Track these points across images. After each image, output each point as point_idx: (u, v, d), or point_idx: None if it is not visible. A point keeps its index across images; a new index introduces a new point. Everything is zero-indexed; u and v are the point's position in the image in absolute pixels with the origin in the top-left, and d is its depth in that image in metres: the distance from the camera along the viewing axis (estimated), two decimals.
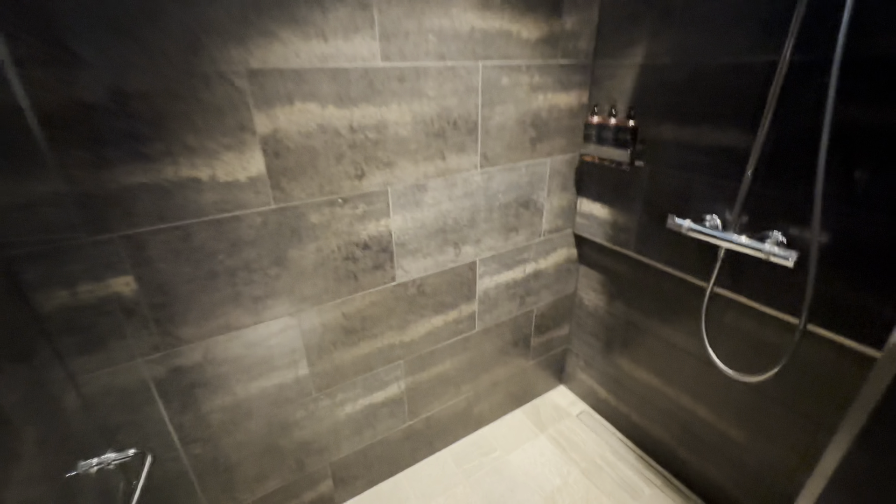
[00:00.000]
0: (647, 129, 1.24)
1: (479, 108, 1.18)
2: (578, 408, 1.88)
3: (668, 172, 1.22)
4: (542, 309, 1.69)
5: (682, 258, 1.24)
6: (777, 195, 1.00)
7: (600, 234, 1.50)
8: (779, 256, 0.95)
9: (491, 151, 1.26)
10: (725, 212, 1.11)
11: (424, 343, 1.41)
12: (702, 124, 1.10)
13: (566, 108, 1.36)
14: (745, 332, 1.19)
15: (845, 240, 0.90)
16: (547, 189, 1.45)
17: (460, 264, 1.36)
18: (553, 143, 1.38)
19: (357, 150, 1.04)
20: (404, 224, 1.19)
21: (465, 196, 1.27)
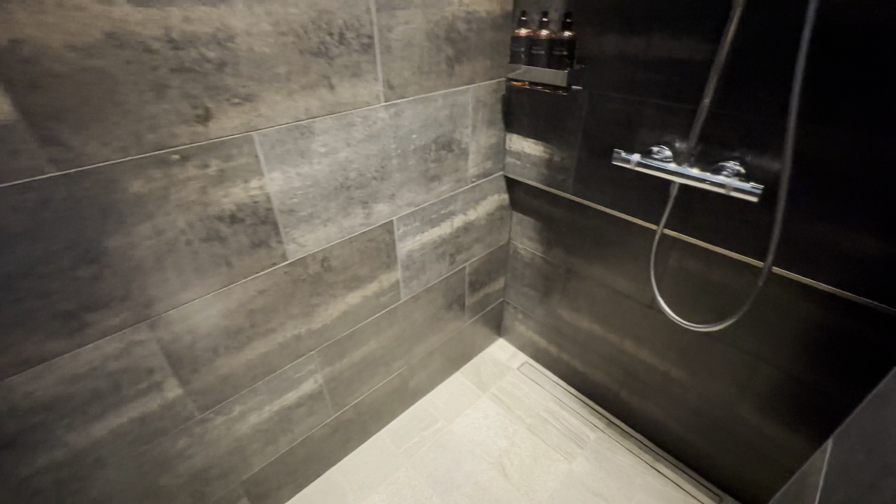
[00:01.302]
0: (587, 43, 1.01)
1: (374, 12, 0.86)
2: (519, 360, 1.80)
3: (611, 97, 1.02)
4: (476, 265, 1.51)
5: (629, 199, 1.09)
6: (736, 117, 0.84)
7: (534, 176, 1.30)
8: (743, 191, 0.81)
9: (397, 77, 0.96)
10: (676, 141, 0.95)
11: (340, 327, 1.16)
12: (652, 32, 0.89)
13: (488, 18, 1.07)
14: (697, 276, 1.09)
15: (812, 166, 0.78)
16: (472, 125, 1.19)
17: (374, 227, 1.09)
18: (475, 64, 1.10)
19: (190, 77, 0.68)
20: (288, 183, 0.88)
21: (368, 139, 0.97)
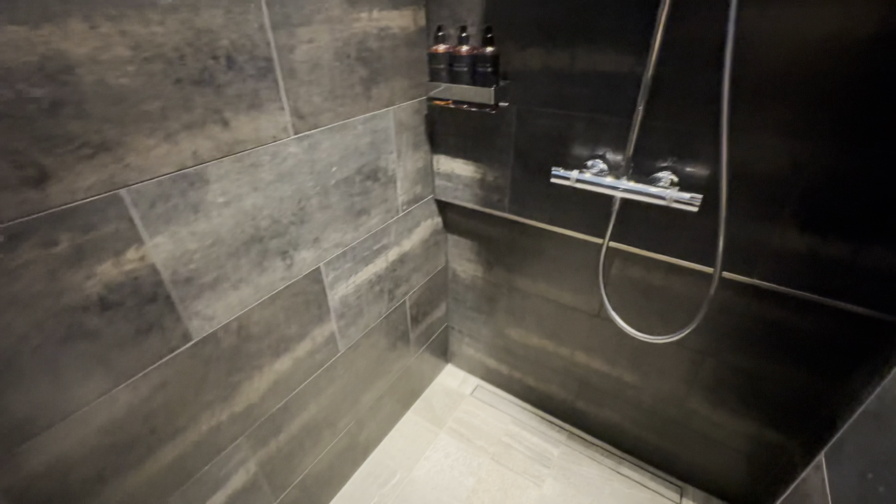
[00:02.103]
0: (510, 58, 0.96)
1: (269, 29, 0.71)
2: (471, 384, 1.72)
3: (540, 112, 0.98)
4: (416, 296, 1.39)
5: (569, 214, 1.06)
6: (667, 127, 0.85)
7: (468, 197, 1.23)
8: (683, 202, 0.81)
9: (307, 104, 0.81)
10: (611, 154, 0.94)
11: (271, 400, 0.97)
12: (576, 45, 0.87)
13: (402, 34, 0.97)
14: (639, 283, 1.10)
15: (741, 171, 0.81)
16: (397, 150, 1.08)
17: (298, 278, 0.93)
18: (393, 84, 1.00)
19: (5, 127, 0.48)
20: (180, 247, 0.69)
21: (280, 180, 0.81)
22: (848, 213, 0.74)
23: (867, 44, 0.64)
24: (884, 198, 0.71)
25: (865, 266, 0.77)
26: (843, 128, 0.69)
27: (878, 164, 0.69)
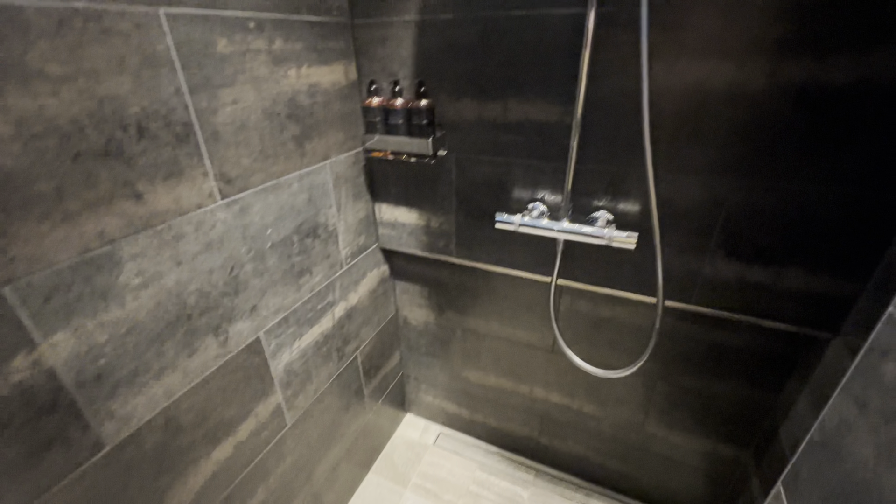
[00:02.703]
0: (445, 109, 0.97)
1: (186, 93, 0.66)
2: (433, 432, 1.65)
3: (478, 160, 0.99)
4: (367, 349, 1.32)
5: (516, 256, 1.07)
6: (600, 170, 0.89)
7: (413, 244, 1.21)
8: (621, 241, 0.85)
9: (234, 167, 0.76)
10: (550, 197, 0.97)
11: (211, 494, 0.84)
12: (507, 97, 0.90)
13: (333, 89, 0.95)
14: (588, 315, 1.13)
15: (668, 208, 0.86)
16: (336, 203, 1.04)
17: (235, 353, 0.84)
18: (328, 139, 0.97)
19: None
20: (85, 343, 0.59)
21: (208, 250, 0.74)
22: (765, 241, 0.82)
23: (759, 94, 0.72)
24: (793, 225, 0.78)
25: (785, 287, 0.84)
26: (751, 166, 0.77)
27: (784, 197, 0.77)
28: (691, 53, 0.73)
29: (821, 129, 0.70)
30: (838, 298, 0.81)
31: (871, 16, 0.62)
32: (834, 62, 0.66)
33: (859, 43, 0.63)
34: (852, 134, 0.69)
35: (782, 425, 0.95)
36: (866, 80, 0.65)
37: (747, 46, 0.69)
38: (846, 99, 0.67)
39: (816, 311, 0.83)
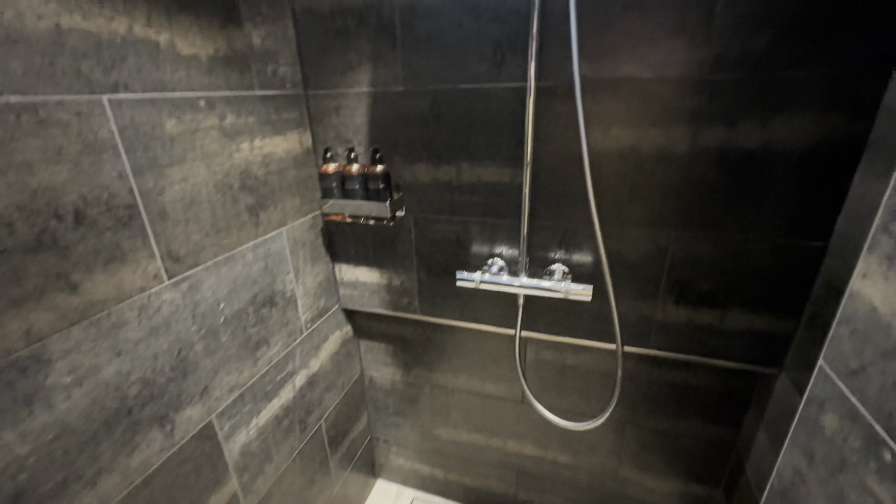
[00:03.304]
0: (400, 172, 1.00)
1: (130, 176, 0.64)
2: (407, 498, 1.55)
3: (436, 219, 1.02)
4: (332, 417, 1.26)
5: (479, 310, 1.08)
6: (552, 226, 0.93)
7: (376, 303, 1.19)
8: (577, 293, 0.88)
9: (183, 245, 0.73)
10: (507, 252, 1.00)
11: None
12: (460, 161, 0.94)
13: (288, 157, 0.96)
14: (554, 364, 1.14)
15: (620, 258, 0.91)
16: (294, 269, 1.02)
17: (183, 442, 0.77)
18: (284, 205, 0.96)
19: None
20: (2, 457, 0.52)
21: (152, 335, 0.69)
22: (708, 286, 0.87)
23: (685, 156, 0.79)
24: (730, 271, 0.84)
25: (730, 328, 0.89)
26: (686, 219, 0.83)
27: (718, 245, 0.83)
28: (623, 122, 0.80)
29: (740, 186, 0.78)
30: (778, 336, 0.86)
31: (766, 94, 0.71)
32: (743, 129, 0.74)
33: (761, 114, 0.72)
34: (766, 189, 0.77)
35: (747, 462, 0.98)
36: (771, 144, 0.73)
37: (670, 116, 0.77)
38: (757, 160, 0.75)
39: (761, 349, 0.89)
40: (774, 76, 0.70)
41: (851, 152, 0.70)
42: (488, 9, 0.80)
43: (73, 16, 0.55)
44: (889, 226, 0.38)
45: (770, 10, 0.67)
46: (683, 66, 0.73)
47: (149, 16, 0.64)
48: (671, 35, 0.72)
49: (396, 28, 0.87)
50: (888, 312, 0.38)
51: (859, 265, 0.42)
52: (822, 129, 0.70)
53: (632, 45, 0.75)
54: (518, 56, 0.81)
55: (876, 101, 0.67)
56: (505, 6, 0.79)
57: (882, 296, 0.39)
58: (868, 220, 0.44)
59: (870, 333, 0.40)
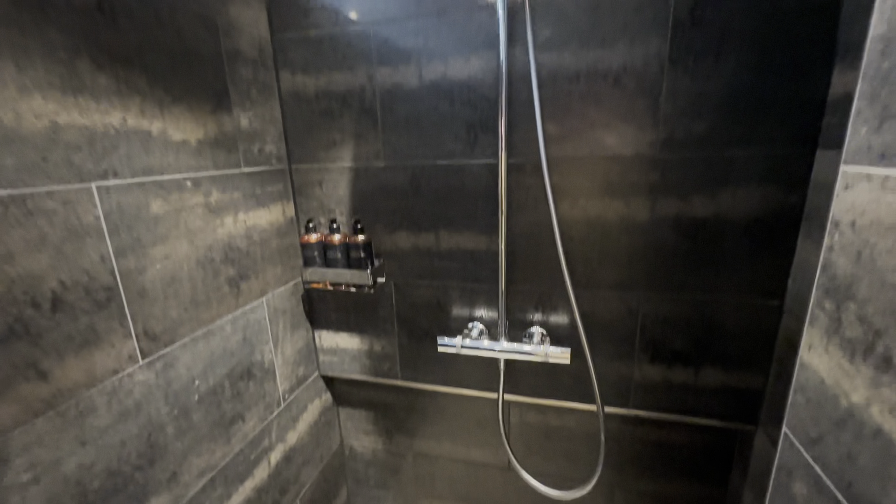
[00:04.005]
0: (381, 240, 1.03)
1: (112, 258, 0.64)
2: None
3: (416, 284, 1.04)
4: (309, 494, 1.18)
5: (461, 375, 1.08)
6: (528, 290, 0.97)
7: (357, 369, 1.17)
8: (556, 357, 0.90)
9: (160, 322, 0.72)
10: (486, 315, 1.02)
11: None
12: (439, 229, 0.98)
13: (271, 228, 0.98)
14: (539, 427, 1.12)
15: (595, 319, 0.94)
16: (273, 338, 1.01)
17: None
18: (265, 275, 0.97)
19: None
20: None
21: (121, 420, 0.67)
22: (679, 345, 0.90)
23: (646, 224, 0.85)
24: (698, 329, 0.88)
25: (705, 385, 0.91)
26: (652, 282, 0.88)
27: (684, 306, 0.88)
28: (588, 194, 0.87)
29: (697, 251, 0.84)
30: (750, 392, 0.89)
31: (711, 170, 0.79)
32: (694, 200, 0.81)
33: (709, 187, 0.80)
34: (721, 253, 0.83)
35: None
36: (720, 214, 0.81)
37: (629, 189, 0.84)
38: (709, 227, 0.82)
39: (736, 406, 0.91)
40: (716, 155, 0.78)
41: (791, 220, 0.78)
42: (461, 96, 0.88)
43: (71, 113, 0.58)
44: (823, 303, 0.43)
45: (705, 101, 0.76)
46: (636, 147, 0.81)
47: (142, 107, 0.68)
48: (623, 120, 0.81)
49: (378, 111, 0.94)
50: (833, 384, 0.41)
51: (804, 336, 0.46)
52: (764, 201, 0.78)
53: (590, 128, 0.83)
54: (489, 136, 0.89)
55: (806, 177, 0.75)
56: (476, 94, 0.87)
57: (826, 368, 0.42)
58: (811, 287, 0.49)
59: (822, 403, 0.43)
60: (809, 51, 0.70)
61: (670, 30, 0.74)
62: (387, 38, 0.89)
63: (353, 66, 0.93)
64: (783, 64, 0.71)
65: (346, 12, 0.90)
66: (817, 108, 0.72)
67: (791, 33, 0.70)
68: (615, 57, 0.78)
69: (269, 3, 0.94)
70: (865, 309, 0.38)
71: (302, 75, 0.96)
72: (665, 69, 0.76)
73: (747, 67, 0.73)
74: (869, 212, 0.37)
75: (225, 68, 0.83)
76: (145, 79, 0.68)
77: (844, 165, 0.40)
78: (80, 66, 0.59)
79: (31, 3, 0.54)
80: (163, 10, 0.71)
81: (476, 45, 0.84)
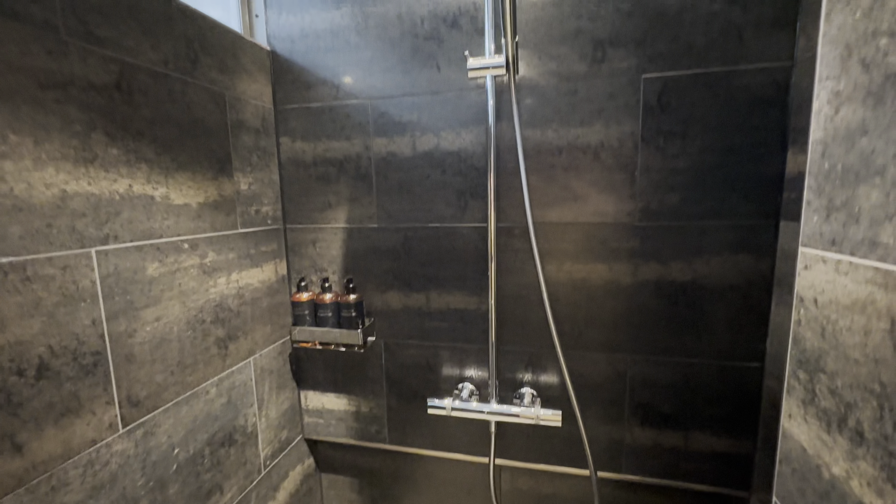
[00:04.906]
0: (372, 300, 1.04)
1: (103, 322, 0.64)
2: None
3: (407, 344, 1.04)
4: None
5: (451, 438, 1.05)
6: (518, 350, 0.98)
7: (343, 432, 1.13)
8: (547, 419, 0.89)
9: (145, 388, 0.71)
10: (477, 376, 1.02)
11: None
12: (429, 289, 1.00)
13: (263, 287, 0.99)
14: (531, 493, 1.08)
15: (584, 381, 0.95)
16: (258, 400, 0.98)
17: None
18: (254, 335, 0.96)
19: None
20: None
21: (91, 496, 0.63)
22: (668, 409, 0.91)
23: (628, 288, 0.89)
24: (685, 393, 0.90)
25: (696, 450, 0.91)
26: (637, 344, 0.90)
27: (670, 369, 0.90)
28: (573, 258, 0.91)
29: (679, 314, 0.87)
30: (740, 457, 0.89)
31: (687, 239, 0.84)
32: (673, 267, 0.86)
33: (685, 255, 0.85)
34: (701, 317, 0.86)
35: None
36: (697, 280, 0.85)
37: (612, 254, 0.89)
38: (689, 292, 0.86)
39: (727, 471, 0.90)
40: (690, 225, 0.84)
41: (764, 286, 0.83)
42: (452, 165, 0.94)
43: (80, 182, 0.60)
44: (797, 373, 0.45)
45: (676, 176, 0.83)
46: (616, 215, 0.87)
47: (149, 175, 0.71)
48: (603, 190, 0.87)
49: (373, 177, 0.99)
50: (814, 454, 0.43)
51: (784, 405, 0.48)
52: (736, 268, 0.83)
53: (573, 197, 0.89)
54: (479, 202, 0.94)
55: (773, 246, 0.81)
56: (467, 164, 0.93)
57: (807, 437, 0.44)
58: (787, 349, 0.51)
59: (806, 474, 0.44)
60: (765, 135, 0.78)
61: (641, 114, 0.83)
62: (384, 112, 0.96)
63: (350, 135, 0.99)
64: (743, 146, 0.79)
65: (347, 88, 0.97)
66: (777, 185, 0.79)
67: (747, 120, 0.79)
68: (593, 135, 0.86)
69: (274, 79, 1.01)
70: (835, 382, 0.40)
71: (301, 142, 1.02)
72: (639, 147, 0.84)
73: (711, 148, 0.81)
74: (828, 291, 0.41)
75: (229, 137, 0.88)
76: (154, 148, 0.72)
77: (802, 247, 0.45)
78: (94, 138, 0.62)
79: (57, 84, 0.58)
80: (176, 87, 0.76)
81: (466, 121, 0.92)
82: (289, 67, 1.00)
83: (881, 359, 0.35)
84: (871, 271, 0.36)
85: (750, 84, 0.78)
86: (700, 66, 0.79)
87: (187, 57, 0.78)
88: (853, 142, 0.38)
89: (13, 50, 0.53)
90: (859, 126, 0.37)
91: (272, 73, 1.01)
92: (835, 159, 0.40)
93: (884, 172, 0.34)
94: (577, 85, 0.85)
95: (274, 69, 1.01)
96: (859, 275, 0.37)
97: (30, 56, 0.55)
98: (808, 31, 0.71)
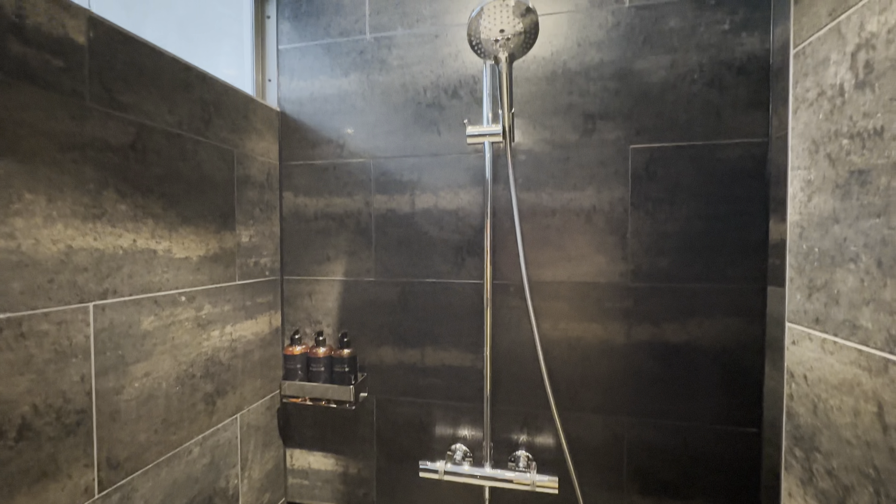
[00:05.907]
0: (366, 354, 1.03)
1: (91, 378, 0.63)
2: None
3: (399, 401, 1.02)
4: None
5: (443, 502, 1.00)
6: (513, 410, 0.96)
7: (328, 495, 1.07)
8: (543, 485, 0.86)
9: (126, 448, 0.68)
10: (470, 436, 0.99)
11: None
12: (424, 345, 1.00)
13: (256, 339, 0.98)
14: None
15: (580, 444, 0.92)
16: (241, 460, 0.94)
17: None
18: (243, 390, 0.94)
19: None
20: None
21: None
22: (667, 476, 0.88)
23: (622, 349, 0.89)
24: (683, 459, 0.87)
25: None
26: (634, 407, 0.89)
27: (667, 433, 0.88)
28: (568, 317, 0.92)
29: (673, 376, 0.87)
30: None
31: (678, 301, 0.86)
32: (666, 328, 0.87)
33: (678, 316, 0.86)
34: (695, 380, 0.86)
35: None
36: (691, 342, 0.86)
37: (606, 314, 0.90)
38: (682, 354, 0.86)
39: None
40: (681, 287, 0.86)
41: (756, 349, 0.83)
42: (450, 224, 0.97)
43: (86, 238, 0.62)
44: (793, 450, 0.45)
45: (665, 240, 0.86)
46: (609, 276, 0.89)
47: (154, 230, 0.72)
48: (596, 252, 0.90)
49: (372, 232, 1.01)
50: None
51: (783, 483, 0.47)
52: (727, 331, 0.84)
53: (567, 258, 0.91)
54: (476, 259, 0.96)
55: (762, 310, 0.83)
56: (464, 222, 0.96)
57: None
58: (783, 414, 0.51)
59: None
60: (747, 204, 0.83)
61: (630, 181, 0.87)
62: (385, 171, 1.00)
63: (352, 192, 1.02)
64: (727, 213, 0.83)
65: (350, 148, 1.02)
66: (761, 251, 0.82)
67: (730, 190, 0.83)
68: (586, 199, 0.90)
69: (281, 137, 1.06)
70: (831, 462, 0.40)
71: (304, 197, 1.05)
72: (629, 211, 0.88)
73: (698, 214, 0.85)
74: (816, 369, 0.42)
75: (234, 192, 0.91)
76: (161, 203, 0.74)
77: (789, 323, 0.46)
78: (105, 195, 0.64)
79: (76, 146, 0.60)
80: (188, 146, 0.79)
81: (464, 182, 0.96)
82: (296, 127, 1.05)
83: (872, 442, 0.35)
84: (854, 353, 0.37)
85: (730, 157, 0.83)
86: (683, 140, 0.85)
87: (202, 118, 0.82)
88: (826, 228, 0.40)
89: (39, 115, 0.56)
90: (831, 215, 0.40)
91: (280, 132, 1.06)
92: (812, 242, 0.43)
93: (857, 260, 0.37)
94: (569, 152, 0.90)
95: (282, 128, 1.06)
96: (844, 356, 0.38)
97: (54, 121, 0.58)
98: (779, 112, 0.78)
